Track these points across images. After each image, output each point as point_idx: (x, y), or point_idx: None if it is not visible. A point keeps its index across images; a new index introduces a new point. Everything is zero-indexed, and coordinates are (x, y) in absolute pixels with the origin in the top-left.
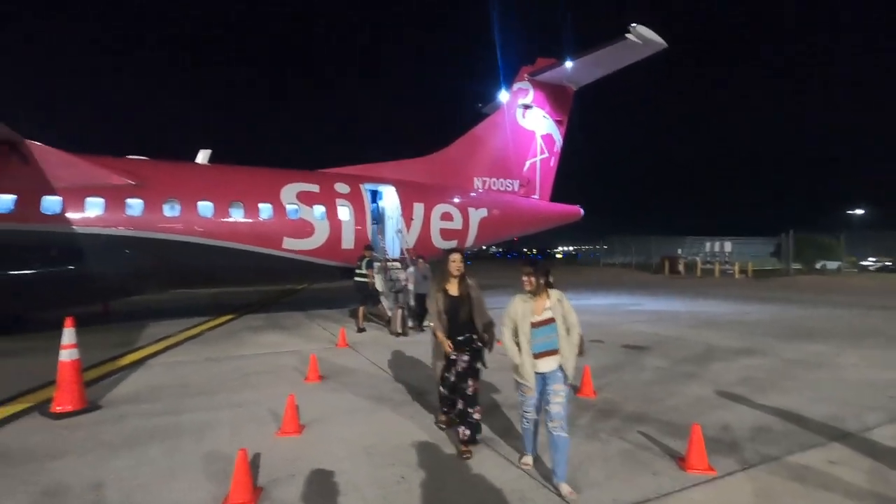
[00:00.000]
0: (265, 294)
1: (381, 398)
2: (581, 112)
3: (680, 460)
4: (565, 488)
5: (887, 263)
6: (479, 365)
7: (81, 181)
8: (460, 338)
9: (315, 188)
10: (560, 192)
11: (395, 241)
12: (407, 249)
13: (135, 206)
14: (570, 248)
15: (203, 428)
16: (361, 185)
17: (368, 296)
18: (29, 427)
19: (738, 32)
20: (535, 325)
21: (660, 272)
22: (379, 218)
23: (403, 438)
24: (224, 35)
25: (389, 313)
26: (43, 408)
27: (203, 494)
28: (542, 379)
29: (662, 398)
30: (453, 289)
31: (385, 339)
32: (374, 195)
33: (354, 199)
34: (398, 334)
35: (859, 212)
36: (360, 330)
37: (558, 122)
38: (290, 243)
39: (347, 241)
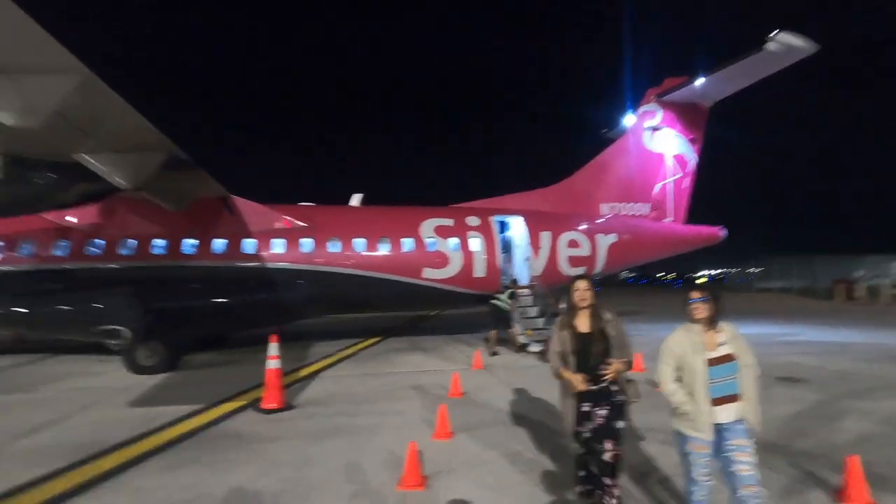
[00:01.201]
0: (403, 319)
1: (518, 414)
2: (727, 121)
3: (837, 493)
4: None
5: None
6: (620, 423)
7: (267, 226)
8: (594, 387)
9: (450, 222)
10: (701, 211)
11: (523, 268)
12: (535, 277)
13: (306, 244)
14: (716, 272)
15: (373, 428)
16: (491, 217)
17: (501, 320)
18: (250, 418)
19: None
20: (711, 363)
21: (830, 298)
22: (508, 247)
23: (545, 445)
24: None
25: (520, 338)
26: (255, 405)
27: (383, 477)
28: (720, 432)
29: (817, 432)
30: (583, 324)
31: (518, 362)
32: (503, 226)
33: (484, 230)
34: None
35: None
36: (494, 353)
37: (691, 141)
38: (428, 273)
39: (479, 270)
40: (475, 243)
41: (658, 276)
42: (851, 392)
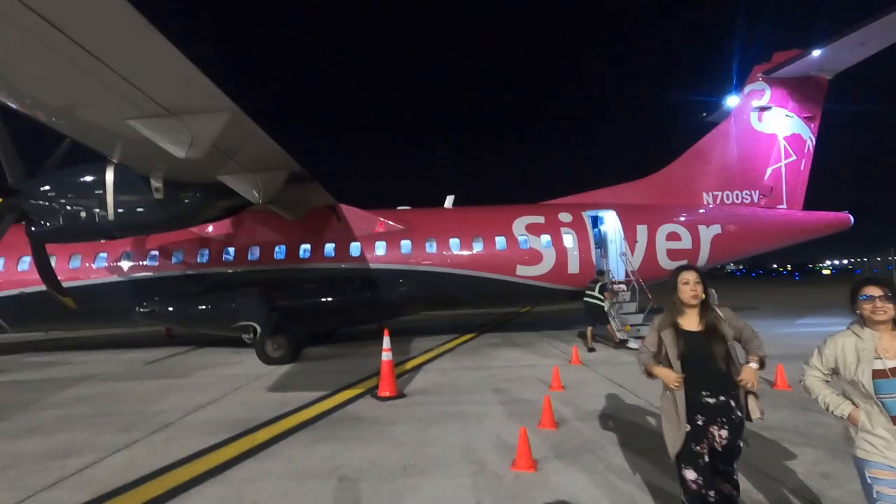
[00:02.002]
0: (495, 316)
1: (622, 407)
2: (852, 94)
3: None
4: None
5: None
6: (741, 443)
7: (370, 230)
8: (709, 399)
9: (541, 219)
10: (825, 195)
11: (618, 263)
12: (631, 272)
13: (405, 245)
14: (844, 262)
15: (479, 415)
16: (583, 213)
17: (597, 316)
18: (369, 404)
19: None
20: (886, 375)
21: None
22: (601, 242)
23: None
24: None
25: (618, 334)
26: (371, 393)
27: (495, 458)
28: None
29: None
30: (691, 322)
31: (617, 358)
32: (596, 221)
33: (577, 226)
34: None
35: None
36: (591, 349)
37: (807, 119)
38: (522, 270)
39: (573, 267)
40: (568, 239)
41: (773, 267)
42: None
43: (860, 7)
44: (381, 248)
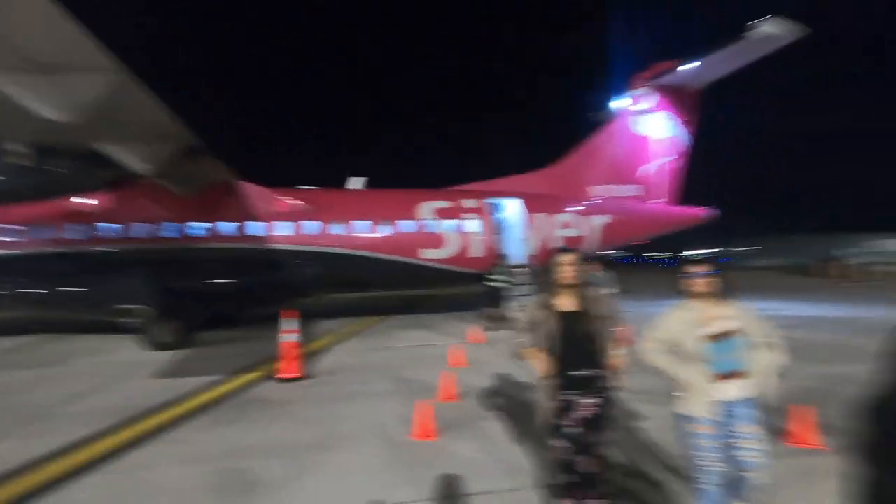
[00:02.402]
0: (403, 299)
1: (516, 382)
2: (719, 103)
3: (784, 435)
4: None
5: None
6: (610, 415)
7: (273, 208)
8: (581, 372)
9: (446, 204)
10: (696, 192)
11: (519, 248)
12: (530, 256)
13: (310, 226)
14: (713, 251)
15: (385, 393)
16: (486, 200)
17: (495, 298)
18: (272, 387)
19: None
20: (712, 339)
21: (823, 276)
22: (503, 228)
23: None
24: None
25: (516, 315)
26: (271, 376)
27: (400, 430)
28: (724, 413)
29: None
30: (567, 302)
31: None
32: (498, 208)
33: (480, 212)
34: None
35: None
36: (490, 329)
37: (683, 123)
38: (426, 253)
39: (475, 251)
40: (471, 224)
41: (654, 255)
42: (816, 359)
43: (734, 24)
44: (284, 228)
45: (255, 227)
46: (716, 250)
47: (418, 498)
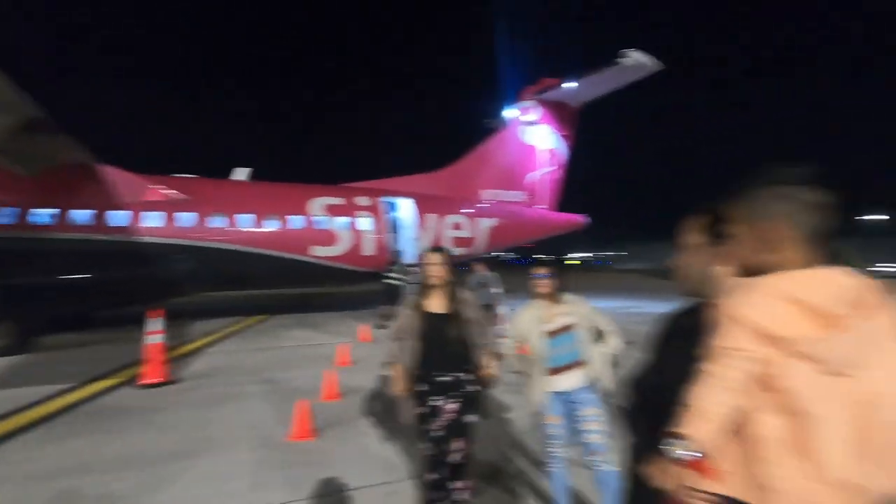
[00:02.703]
0: (292, 297)
1: None
2: (601, 126)
3: None
4: None
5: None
6: (472, 417)
7: (142, 197)
8: (444, 377)
9: (340, 201)
10: (574, 200)
11: (411, 248)
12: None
13: (186, 218)
14: (588, 255)
15: (262, 394)
16: (380, 198)
17: (394, 297)
18: (131, 394)
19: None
20: (550, 335)
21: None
22: (396, 227)
23: None
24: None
25: None
26: (133, 382)
27: (276, 432)
28: (568, 401)
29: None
30: (435, 304)
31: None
32: (392, 207)
33: (374, 210)
34: None
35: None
36: (381, 327)
37: (563, 137)
38: (317, 250)
39: (368, 249)
40: (364, 223)
41: (538, 256)
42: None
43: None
44: (155, 218)
45: (115, 217)
46: (590, 254)
47: (293, 499)
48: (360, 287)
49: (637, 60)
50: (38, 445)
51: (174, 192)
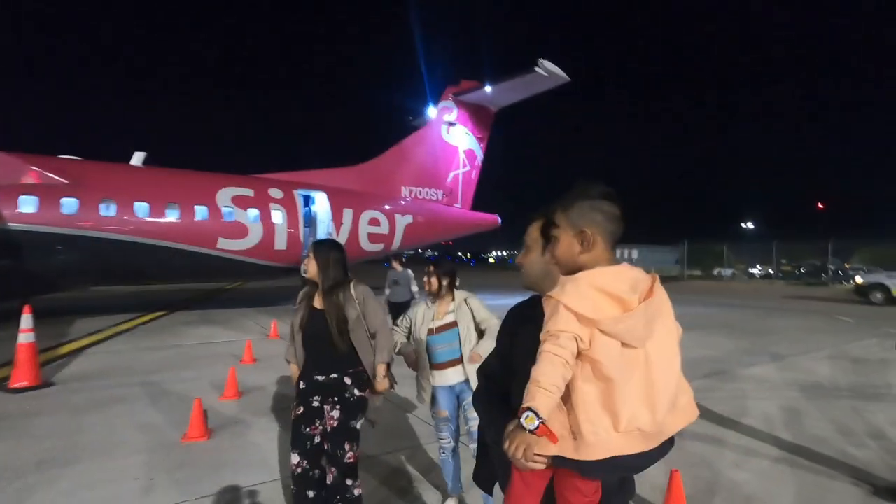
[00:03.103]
0: (194, 292)
1: None
2: (523, 131)
3: None
4: None
5: (770, 271)
6: (356, 423)
7: (15, 178)
8: (320, 377)
9: (250, 192)
10: (495, 201)
11: None
12: None
13: (69, 204)
14: (503, 253)
15: (155, 395)
16: (294, 191)
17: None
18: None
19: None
20: (433, 332)
21: None
22: (311, 222)
23: None
24: (159, 42)
25: None
26: (1, 385)
27: (169, 434)
28: (453, 394)
29: None
30: (319, 300)
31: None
32: (307, 200)
33: (287, 203)
34: None
35: (750, 225)
36: None
37: (479, 139)
38: (224, 243)
39: (280, 243)
40: (277, 216)
41: (459, 254)
42: None
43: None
44: (29, 203)
45: None
46: (509, 253)
47: (183, 500)
48: (280, 282)
49: (549, 71)
50: None
51: (56, 174)
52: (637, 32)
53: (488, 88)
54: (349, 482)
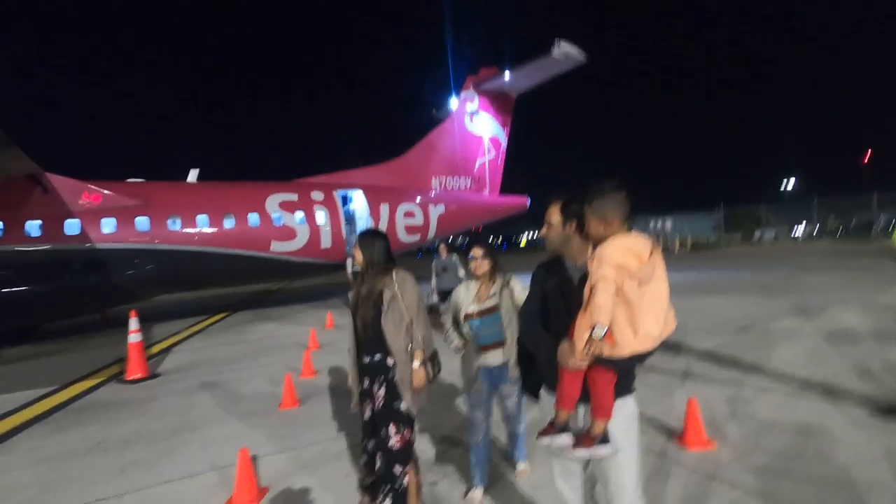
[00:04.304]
0: (245, 295)
1: None
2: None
3: None
4: (521, 465)
5: (816, 228)
6: (399, 405)
7: (93, 204)
8: (367, 358)
9: (294, 197)
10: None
11: None
12: None
13: (141, 222)
14: (534, 235)
15: (243, 379)
16: (334, 192)
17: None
18: (118, 389)
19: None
20: (476, 316)
21: None
22: (350, 219)
23: None
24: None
25: None
26: (117, 379)
27: (264, 405)
28: (490, 376)
29: None
30: (364, 285)
31: None
32: (345, 199)
33: (328, 204)
34: None
35: (792, 181)
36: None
37: (502, 125)
38: (276, 246)
39: (325, 242)
40: (320, 216)
41: (489, 239)
42: None
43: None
44: (108, 225)
45: (70, 225)
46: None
47: (293, 445)
48: (320, 280)
49: (566, 52)
50: (36, 439)
51: (125, 196)
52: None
53: (507, 75)
54: (397, 469)
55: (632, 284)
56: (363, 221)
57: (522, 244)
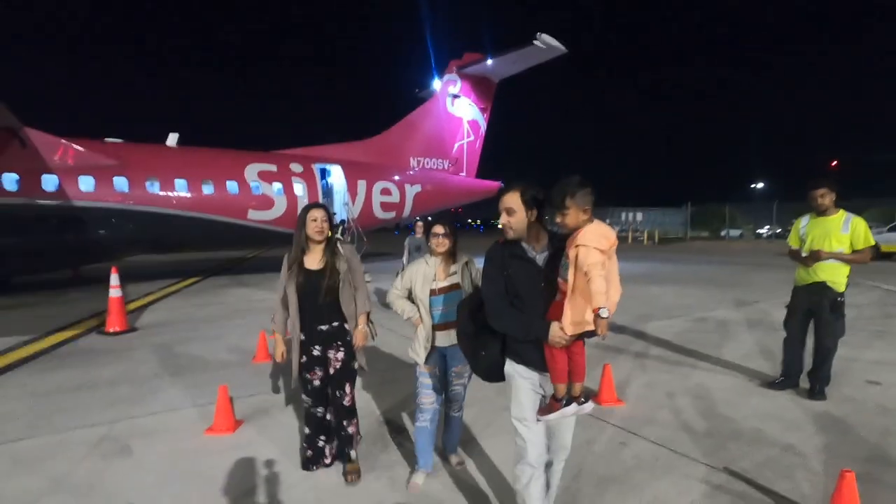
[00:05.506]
0: (221, 261)
1: None
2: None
3: None
4: (455, 458)
5: (777, 231)
6: (354, 364)
7: (72, 162)
8: (323, 327)
9: (273, 167)
10: (500, 169)
11: (341, 213)
12: (352, 219)
13: (119, 182)
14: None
15: (219, 335)
16: (313, 165)
17: None
18: (98, 339)
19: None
20: (437, 293)
21: None
22: (328, 193)
23: None
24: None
25: None
26: (97, 330)
27: (240, 358)
28: (443, 357)
29: None
30: (313, 260)
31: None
32: (324, 173)
33: (307, 176)
34: None
35: (760, 185)
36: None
37: (482, 110)
38: (254, 214)
39: None
40: (298, 188)
41: (469, 221)
42: None
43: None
44: (86, 183)
45: (47, 181)
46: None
47: (263, 391)
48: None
49: (548, 43)
50: (25, 377)
51: (105, 156)
52: None
53: (490, 61)
54: (345, 422)
55: (607, 262)
56: (340, 196)
57: (500, 226)
